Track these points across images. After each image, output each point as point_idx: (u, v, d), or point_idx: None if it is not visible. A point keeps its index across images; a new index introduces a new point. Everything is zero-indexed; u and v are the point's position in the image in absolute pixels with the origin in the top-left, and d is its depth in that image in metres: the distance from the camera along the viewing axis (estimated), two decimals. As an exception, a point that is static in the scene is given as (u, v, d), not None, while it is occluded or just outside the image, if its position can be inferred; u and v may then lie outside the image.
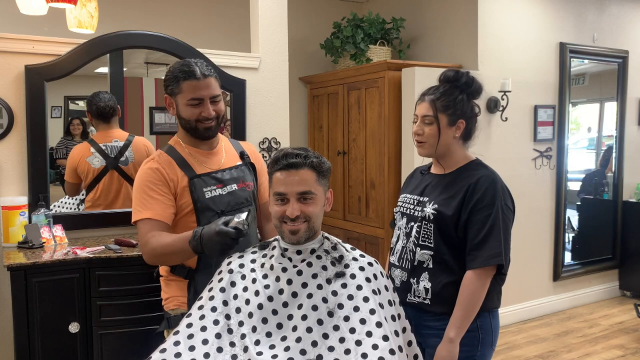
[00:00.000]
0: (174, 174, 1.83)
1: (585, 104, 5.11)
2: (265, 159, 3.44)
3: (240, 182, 1.95)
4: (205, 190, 1.84)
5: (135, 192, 1.82)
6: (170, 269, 1.88)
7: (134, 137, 3.11)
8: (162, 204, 1.79)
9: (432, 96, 1.82)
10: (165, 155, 1.86)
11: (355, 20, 4.31)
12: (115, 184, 3.03)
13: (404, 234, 1.88)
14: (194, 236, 1.64)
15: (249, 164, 2.04)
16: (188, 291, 1.85)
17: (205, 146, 1.93)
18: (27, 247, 2.60)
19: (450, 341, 1.70)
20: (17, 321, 2.33)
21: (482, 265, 1.70)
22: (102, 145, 3.01)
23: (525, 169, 4.36)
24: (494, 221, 1.71)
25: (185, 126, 1.87)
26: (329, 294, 1.51)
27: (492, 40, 4.10)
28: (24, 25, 3.16)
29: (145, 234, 1.75)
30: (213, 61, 3.21)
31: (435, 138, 1.81)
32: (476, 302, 1.71)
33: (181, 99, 1.83)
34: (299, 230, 1.55)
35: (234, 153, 2.02)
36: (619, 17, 4.83)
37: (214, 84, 1.85)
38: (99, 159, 2.99)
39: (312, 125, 4.82)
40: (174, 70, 1.84)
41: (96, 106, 3.01)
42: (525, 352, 3.79)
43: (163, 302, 1.94)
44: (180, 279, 1.87)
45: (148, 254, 1.76)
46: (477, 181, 1.75)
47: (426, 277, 1.79)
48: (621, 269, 5.05)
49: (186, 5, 4.26)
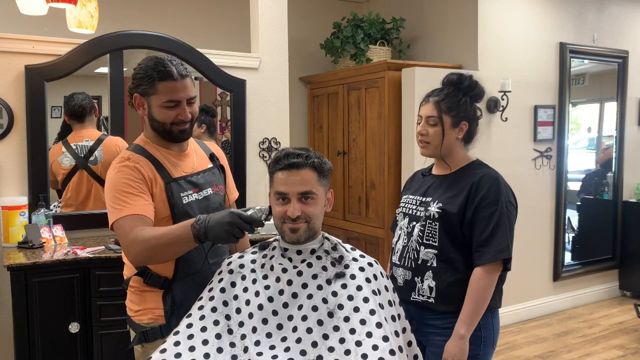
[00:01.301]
0: (153, 175, 1.69)
1: (585, 104, 5.11)
2: (265, 159, 3.45)
3: (214, 185, 1.84)
4: (182, 195, 1.72)
5: (111, 191, 1.64)
6: (143, 278, 1.72)
7: (107, 136, 3.09)
8: (144, 201, 1.63)
9: (437, 98, 1.85)
10: (139, 155, 1.71)
11: (355, 21, 4.31)
12: (85, 184, 3.02)
13: (405, 233, 1.89)
14: (197, 220, 1.50)
15: (219, 166, 1.92)
16: (164, 302, 1.70)
17: (176, 147, 1.79)
18: (27, 247, 2.60)
19: (461, 337, 1.72)
20: (17, 321, 2.34)
21: (491, 260, 1.72)
22: (73, 144, 3.01)
23: (525, 169, 4.36)
24: (499, 217, 1.74)
25: (158, 129, 1.73)
26: (329, 295, 1.51)
27: (492, 40, 4.10)
28: (24, 25, 3.16)
29: (132, 229, 1.56)
30: (213, 61, 3.22)
31: (439, 139, 1.84)
32: (486, 298, 1.74)
33: (156, 100, 1.68)
34: (299, 229, 1.55)
35: (203, 155, 1.90)
36: (619, 17, 4.83)
37: (190, 85, 1.72)
38: (69, 159, 2.98)
39: (312, 125, 4.82)
40: (146, 68, 1.69)
41: (68, 106, 3.02)
42: (525, 352, 3.79)
43: (131, 315, 1.77)
44: (155, 290, 1.72)
45: (139, 249, 1.55)
46: (480, 179, 1.78)
47: (430, 276, 1.81)
48: (621, 269, 5.05)
49: (186, 5, 4.26)
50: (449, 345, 1.73)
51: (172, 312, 1.70)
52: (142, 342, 1.73)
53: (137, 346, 1.75)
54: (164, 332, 1.68)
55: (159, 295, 1.72)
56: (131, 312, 1.77)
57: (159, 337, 1.69)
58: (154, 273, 1.71)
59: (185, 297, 1.70)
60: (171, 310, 1.70)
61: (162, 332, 1.69)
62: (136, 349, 1.77)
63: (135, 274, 1.73)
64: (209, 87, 3.41)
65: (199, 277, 1.72)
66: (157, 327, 1.71)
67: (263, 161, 3.43)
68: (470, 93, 1.86)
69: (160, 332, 1.70)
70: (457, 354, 1.71)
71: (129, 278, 1.77)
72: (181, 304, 1.69)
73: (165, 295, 1.71)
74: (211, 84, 3.28)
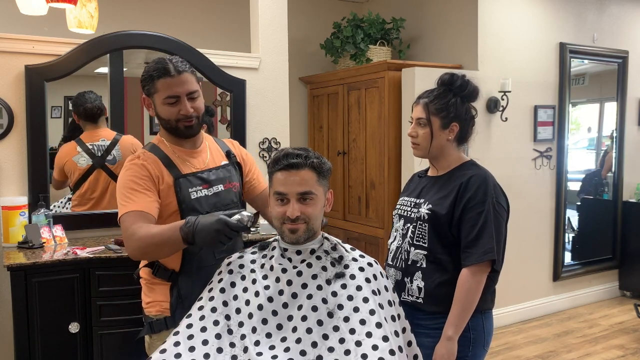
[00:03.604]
0: (160, 172, 1.74)
1: (585, 104, 5.11)
2: (265, 159, 3.45)
3: (227, 182, 1.86)
4: (190, 190, 1.76)
5: (119, 188, 1.71)
6: (152, 271, 1.79)
7: (122, 136, 3.10)
8: (148, 198, 1.68)
9: (426, 99, 1.85)
10: (150, 154, 1.77)
11: (355, 21, 4.31)
12: (102, 183, 3.02)
13: (400, 235, 1.90)
14: (186, 223, 1.53)
15: (235, 163, 1.95)
16: (170, 295, 1.76)
17: (188, 144, 1.84)
18: (27, 247, 2.59)
19: (449, 339, 1.72)
20: (17, 321, 2.33)
21: (477, 261, 1.72)
22: (89, 144, 3.01)
23: (525, 169, 4.36)
24: (485, 218, 1.73)
25: (166, 126, 1.79)
26: (328, 295, 1.51)
27: (492, 40, 4.10)
28: (24, 25, 3.16)
29: (131, 225, 1.62)
30: (213, 61, 3.22)
31: (428, 140, 1.84)
32: (473, 299, 1.73)
33: (158, 98, 1.74)
34: (298, 230, 1.56)
35: (219, 152, 1.93)
36: (619, 17, 4.83)
37: (190, 80, 1.75)
38: (86, 158, 2.99)
39: (312, 125, 4.82)
40: (148, 69, 1.76)
41: (83, 107, 3.01)
42: (525, 352, 3.79)
43: (144, 306, 1.84)
44: (163, 282, 1.78)
45: (134, 246, 1.61)
46: (468, 180, 1.78)
47: (419, 277, 1.81)
48: (621, 269, 5.05)
49: (186, 5, 4.26)
50: (438, 347, 1.73)
51: (178, 305, 1.74)
52: (149, 333, 1.80)
53: (147, 336, 1.83)
54: (169, 324, 1.73)
55: (166, 288, 1.78)
56: (144, 304, 1.84)
57: (164, 329, 1.75)
58: (162, 265, 1.77)
59: (191, 290, 1.74)
60: (177, 303, 1.74)
61: (166, 324, 1.75)
62: (146, 339, 1.85)
63: (145, 265, 1.82)
64: (209, 87, 3.40)
65: (206, 272, 1.75)
66: (163, 318, 1.76)
67: (263, 161, 3.43)
68: (461, 93, 1.84)
69: (165, 324, 1.75)
70: (444, 355, 1.71)
71: (139, 269, 1.87)
72: (186, 297, 1.73)
73: (172, 288, 1.77)
74: (211, 84, 3.28)
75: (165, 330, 1.73)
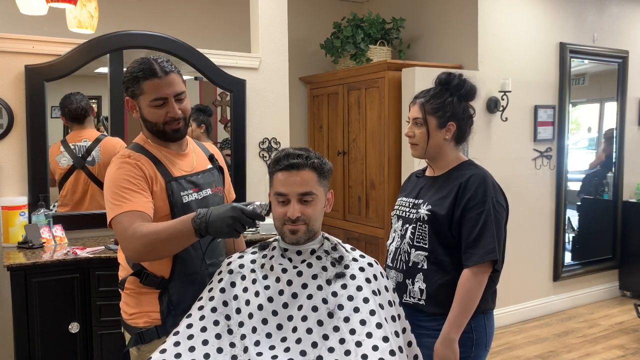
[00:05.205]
0: (154, 173, 1.68)
1: (585, 104, 5.11)
2: (265, 159, 3.45)
3: (213, 186, 1.82)
4: (182, 194, 1.70)
5: (110, 187, 1.61)
6: (140, 279, 1.69)
7: (105, 136, 3.09)
8: (144, 198, 1.61)
9: (423, 99, 1.85)
10: (140, 154, 1.70)
11: (355, 20, 4.31)
12: (82, 184, 3.02)
13: (399, 236, 1.89)
14: (198, 214, 1.48)
15: (218, 167, 1.90)
16: (160, 302, 1.68)
17: (175, 146, 1.77)
18: (27, 247, 2.60)
19: (450, 339, 1.71)
20: (17, 321, 2.33)
21: (478, 262, 1.71)
22: (72, 144, 3.01)
23: (525, 169, 4.36)
24: (486, 218, 1.72)
25: (152, 129, 1.72)
26: (329, 295, 1.51)
27: (492, 40, 4.10)
28: (24, 25, 3.17)
29: (130, 224, 1.53)
30: (213, 61, 3.22)
31: (424, 140, 1.83)
32: (474, 300, 1.72)
33: (143, 100, 1.67)
34: (298, 231, 1.55)
35: (203, 156, 1.88)
36: (619, 17, 4.82)
37: (176, 80, 1.68)
38: (67, 158, 2.99)
39: (312, 125, 4.82)
40: (132, 70, 1.67)
41: (68, 109, 3.01)
42: (525, 352, 3.79)
43: (127, 318, 1.73)
44: (152, 290, 1.69)
45: (137, 244, 1.52)
46: (467, 180, 1.77)
47: (421, 278, 1.80)
48: (621, 269, 5.05)
49: (186, 5, 4.26)
50: (437, 347, 1.72)
51: (169, 313, 1.68)
52: (138, 344, 1.70)
53: (133, 349, 1.73)
54: (160, 333, 1.67)
55: (155, 298, 1.69)
56: (126, 315, 1.74)
57: (155, 338, 1.68)
58: (150, 273, 1.69)
59: (182, 297, 1.69)
60: (167, 311, 1.68)
61: (158, 332, 1.68)
62: (132, 352, 1.75)
63: (131, 274, 1.71)
64: (209, 87, 3.41)
65: (196, 278, 1.71)
66: (153, 327, 1.69)
67: (263, 161, 3.43)
68: (458, 92, 1.83)
69: (156, 333, 1.68)
70: (446, 355, 1.70)
71: (125, 279, 1.74)
72: (177, 304, 1.68)
73: (162, 296, 1.69)
74: (211, 84, 3.28)
75: (157, 339, 1.66)
